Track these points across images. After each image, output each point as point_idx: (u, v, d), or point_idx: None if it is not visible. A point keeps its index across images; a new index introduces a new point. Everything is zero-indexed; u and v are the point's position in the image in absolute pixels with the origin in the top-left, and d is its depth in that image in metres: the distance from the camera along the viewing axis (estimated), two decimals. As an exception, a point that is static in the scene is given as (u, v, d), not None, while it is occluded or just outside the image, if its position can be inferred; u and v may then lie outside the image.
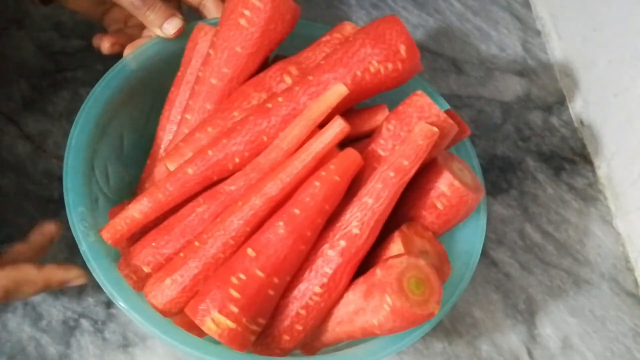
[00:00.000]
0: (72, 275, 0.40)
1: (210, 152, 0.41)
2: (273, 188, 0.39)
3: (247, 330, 0.37)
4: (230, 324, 0.36)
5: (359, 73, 0.41)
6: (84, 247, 0.39)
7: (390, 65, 0.41)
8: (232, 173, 0.41)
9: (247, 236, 0.39)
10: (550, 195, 0.60)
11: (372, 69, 0.41)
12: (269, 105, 0.41)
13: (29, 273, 0.39)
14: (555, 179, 0.61)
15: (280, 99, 0.41)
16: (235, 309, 0.36)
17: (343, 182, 0.39)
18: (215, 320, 0.36)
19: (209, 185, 0.42)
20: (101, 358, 0.46)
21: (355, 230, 0.39)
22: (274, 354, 0.39)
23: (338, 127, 0.39)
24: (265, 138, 0.41)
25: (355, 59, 0.41)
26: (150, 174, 0.46)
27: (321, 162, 0.40)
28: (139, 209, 0.41)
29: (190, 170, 0.41)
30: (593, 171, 0.63)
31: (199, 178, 0.41)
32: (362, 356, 0.39)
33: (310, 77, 0.41)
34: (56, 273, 0.40)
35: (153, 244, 0.41)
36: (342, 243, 0.39)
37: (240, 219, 0.39)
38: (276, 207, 0.39)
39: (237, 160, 0.41)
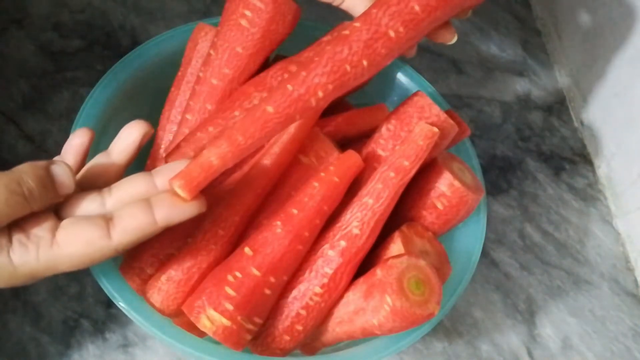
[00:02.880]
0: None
1: (289, 87, 0.36)
2: (256, 173, 0.39)
3: (243, 328, 0.37)
4: (225, 321, 0.36)
5: None
6: (84, 247, 0.39)
7: None
8: (315, 111, 0.38)
9: (237, 225, 0.40)
10: (550, 195, 0.60)
11: None
12: (346, 32, 0.37)
13: (20, 168, 0.32)
14: (555, 179, 0.61)
15: (357, 24, 0.37)
16: (230, 307, 0.36)
17: (342, 184, 0.39)
18: (210, 317, 0.36)
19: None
20: (101, 358, 0.46)
21: (356, 231, 0.39)
22: (274, 354, 0.39)
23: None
24: (348, 67, 0.37)
25: None
26: (151, 174, 0.46)
27: (298, 143, 0.40)
28: (216, 153, 0.35)
29: (270, 109, 0.36)
30: (593, 171, 0.63)
31: (281, 117, 0.36)
32: (362, 356, 0.39)
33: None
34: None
35: (156, 244, 0.41)
36: (343, 243, 0.39)
37: (227, 208, 0.39)
38: (262, 193, 0.40)
39: (320, 94, 0.37)
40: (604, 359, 0.52)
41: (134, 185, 0.35)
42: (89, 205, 0.34)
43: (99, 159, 0.36)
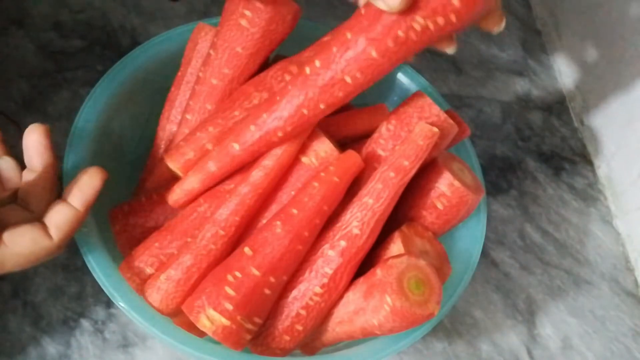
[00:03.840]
0: None
1: (252, 128, 0.39)
2: (257, 175, 0.40)
3: (242, 328, 0.37)
4: (224, 321, 0.36)
5: (401, 34, 0.34)
6: (84, 248, 0.39)
7: (441, 20, 0.34)
8: (277, 144, 0.40)
9: (238, 226, 0.40)
10: (550, 195, 0.60)
11: (417, 27, 0.34)
12: (307, 71, 0.37)
13: None
14: (555, 179, 0.61)
15: (317, 63, 0.37)
16: (229, 307, 0.36)
17: (342, 184, 0.39)
18: (209, 317, 0.36)
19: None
20: (101, 358, 0.46)
21: (356, 231, 0.39)
22: (274, 354, 0.39)
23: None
24: (305, 111, 0.38)
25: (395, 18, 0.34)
26: (151, 173, 0.46)
27: (298, 144, 0.40)
28: (196, 180, 0.42)
29: (236, 146, 0.40)
30: (593, 171, 0.63)
31: (247, 152, 0.40)
32: (362, 356, 0.39)
33: (349, 35, 0.36)
34: None
35: (156, 244, 0.41)
36: (343, 243, 0.39)
37: (228, 208, 0.40)
38: (263, 194, 0.40)
39: (280, 134, 0.39)
40: (604, 359, 0.52)
41: (62, 212, 0.36)
42: (19, 213, 0.36)
43: (25, 176, 0.37)
